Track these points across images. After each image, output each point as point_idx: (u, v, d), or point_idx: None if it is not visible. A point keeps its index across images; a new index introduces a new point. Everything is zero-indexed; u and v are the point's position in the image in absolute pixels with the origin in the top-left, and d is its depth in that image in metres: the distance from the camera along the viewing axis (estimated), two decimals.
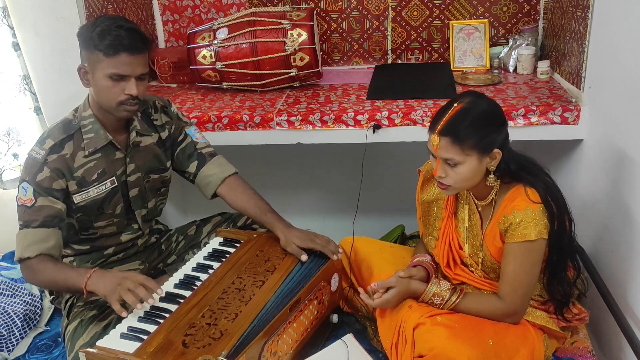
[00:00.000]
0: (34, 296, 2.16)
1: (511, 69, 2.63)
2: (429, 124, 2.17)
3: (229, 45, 2.46)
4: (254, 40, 2.45)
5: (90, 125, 1.75)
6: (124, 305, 1.55)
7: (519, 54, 2.58)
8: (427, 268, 1.74)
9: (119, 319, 1.59)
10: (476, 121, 1.48)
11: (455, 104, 1.51)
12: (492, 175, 1.55)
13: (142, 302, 1.55)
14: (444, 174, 1.53)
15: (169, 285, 1.72)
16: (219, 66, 2.48)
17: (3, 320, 2.00)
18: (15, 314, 2.04)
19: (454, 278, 1.72)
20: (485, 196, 1.62)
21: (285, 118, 2.29)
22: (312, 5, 2.74)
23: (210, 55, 2.49)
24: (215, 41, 2.47)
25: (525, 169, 1.57)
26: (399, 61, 2.85)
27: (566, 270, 1.63)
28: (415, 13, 2.76)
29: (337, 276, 1.86)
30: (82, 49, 1.69)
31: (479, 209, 1.66)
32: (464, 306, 1.59)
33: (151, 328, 1.52)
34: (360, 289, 1.70)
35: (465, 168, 1.50)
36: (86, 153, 1.75)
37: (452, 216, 1.72)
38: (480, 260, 1.66)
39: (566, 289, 1.63)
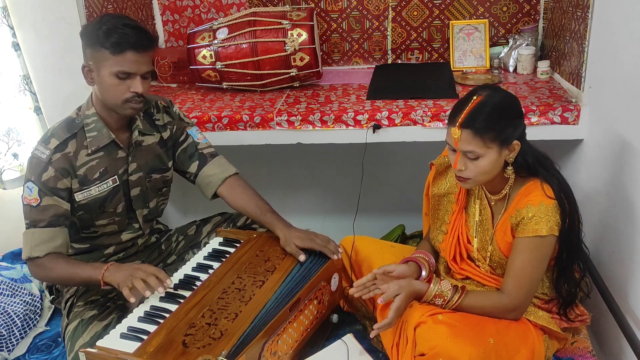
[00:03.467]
0: (34, 296, 2.16)
1: (511, 69, 2.63)
2: (429, 124, 2.21)
3: (229, 45, 2.46)
4: (254, 40, 2.45)
5: (94, 124, 1.76)
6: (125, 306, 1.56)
7: (519, 54, 2.58)
8: (420, 264, 1.74)
9: (119, 319, 1.59)
10: (496, 113, 1.49)
11: (474, 97, 1.51)
12: (510, 167, 1.56)
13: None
14: (464, 166, 1.53)
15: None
16: (219, 66, 2.48)
17: (3, 320, 2.00)
18: (15, 314, 2.04)
19: (458, 272, 1.72)
20: (499, 190, 1.62)
21: (285, 118, 2.29)
22: (312, 5, 2.74)
23: (210, 55, 2.49)
24: (215, 41, 2.47)
25: (541, 164, 1.57)
26: (399, 61, 2.85)
27: (574, 269, 1.63)
28: (415, 13, 2.76)
29: (337, 276, 1.86)
30: (86, 47, 1.69)
31: (492, 204, 1.66)
32: (466, 304, 1.58)
33: (151, 328, 1.52)
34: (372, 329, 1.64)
35: (485, 161, 1.51)
36: (89, 151, 1.75)
37: (463, 210, 1.72)
38: (488, 255, 1.66)
39: (573, 288, 1.63)
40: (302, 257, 1.78)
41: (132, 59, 1.65)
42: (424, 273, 1.72)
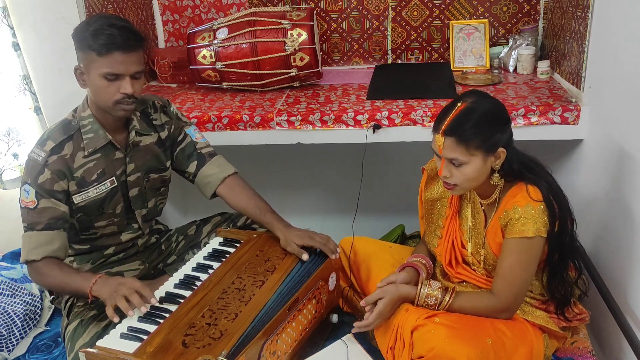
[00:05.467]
0: (34, 296, 2.16)
1: (511, 69, 2.63)
2: (429, 124, 2.22)
3: (229, 45, 2.46)
4: (254, 40, 2.45)
5: (90, 126, 1.75)
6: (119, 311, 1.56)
7: (519, 54, 2.58)
8: (418, 268, 1.74)
9: (120, 319, 1.59)
10: (480, 121, 1.48)
11: (458, 104, 1.51)
12: (496, 174, 1.56)
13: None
14: (449, 173, 1.53)
15: (169, 285, 1.72)
16: (219, 66, 2.48)
17: (3, 320, 2.00)
18: (15, 314, 2.04)
19: (455, 276, 1.72)
20: (489, 195, 1.62)
21: (285, 118, 2.29)
22: (312, 5, 2.74)
23: (210, 55, 2.49)
24: (215, 41, 2.47)
25: (529, 168, 1.57)
26: (399, 61, 2.85)
27: (567, 270, 1.63)
28: (415, 13, 2.76)
29: (335, 275, 1.87)
30: (77, 50, 1.69)
31: (483, 208, 1.66)
32: (458, 305, 1.59)
33: (151, 328, 1.52)
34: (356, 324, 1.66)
35: (470, 168, 1.51)
36: (86, 153, 1.75)
37: (456, 215, 1.72)
38: (482, 259, 1.66)
39: (566, 289, 1.63)
40: (305, 256, 1.78)
41: (119, 59, 1.63)
42: (422, 275, 1.72)
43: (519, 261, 1.54)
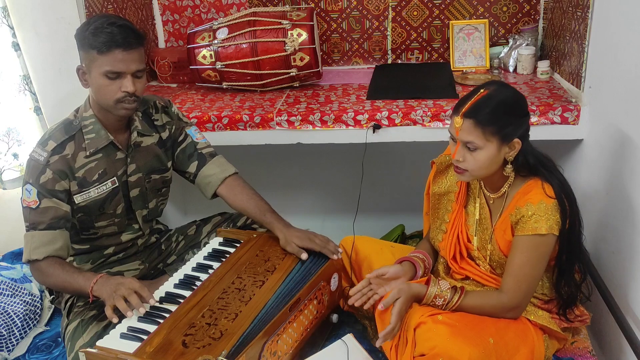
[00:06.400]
0: (34, 296, 2.16)
1: (511, 69, 2.63)
2: (429, 124, 2.22)
3: (229, 45, 2.46)
4: (254, 40, 2.45)
5: (92, 126, 1.75)
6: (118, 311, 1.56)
7: (519, 54, 2.58)
8: (414, 263, 1.74)
9: (119, 319, 1.59)
10: (501, 108, 1.50)
11: (481, 90, 1.53)
12: (509, 165, 1.56)
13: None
14: (462, 158, 1.54)
15: (169, 285, 1.72)
16: (219, 66, 2.48)
17: (3, 320, 2.00)
18: (15, 314, 2.04)
19: (458, 272, 1.72)
20: (498, 188, 1.62)
21: (285, 118, 2.29)
22: (312, 5, 2.74)
23: (210, 55, 2.49)
24: (215, 41, 2.47)
25: (543, 164, 1.58)
26: (399, 61, 2.85)
27: (574, 272, 1.63)
28: (415, 13, 2.76)
29: (337, 276, 1.86)
30: (79, 49, 1.69)
31: (490, 202, 1.66)
32: (465, 305, 1.58)
33: (151, 328, 1.52)
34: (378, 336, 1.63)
35: (484, 154, 1.51)
36: (87, 153, 1.75)
37: (463, 209, 1.72)
38: (488, 254, 1.66)
39: (573, 290, 1.63)
40: (304, 256, 1.78)
41: (119, 57, 1.63)
42: (419, 272, 1.72)
43: (530, 259, 1.54)
